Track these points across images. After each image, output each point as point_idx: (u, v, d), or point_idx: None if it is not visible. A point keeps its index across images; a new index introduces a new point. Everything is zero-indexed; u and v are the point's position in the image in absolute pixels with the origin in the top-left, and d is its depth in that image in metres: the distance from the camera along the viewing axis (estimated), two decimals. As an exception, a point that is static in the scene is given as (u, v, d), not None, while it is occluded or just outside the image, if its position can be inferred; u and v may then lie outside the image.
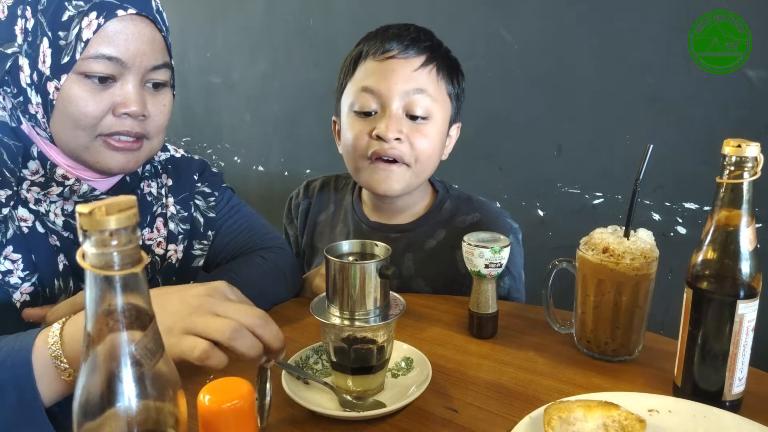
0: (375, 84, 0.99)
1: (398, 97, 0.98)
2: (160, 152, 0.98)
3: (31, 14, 0.77)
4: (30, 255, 0.80)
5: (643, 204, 1.44)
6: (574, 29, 1.48)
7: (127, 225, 0.38)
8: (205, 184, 1.03)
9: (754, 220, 0.66)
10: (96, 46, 0.76)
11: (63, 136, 0.80)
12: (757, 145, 0.64)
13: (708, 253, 0.67)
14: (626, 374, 0.78)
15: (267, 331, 0.64)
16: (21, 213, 0.80)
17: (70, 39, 0.76)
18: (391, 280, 0.69)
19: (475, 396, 0.73)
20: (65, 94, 0.77)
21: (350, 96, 1.03)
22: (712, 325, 0.67)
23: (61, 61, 0.76)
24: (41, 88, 0.78)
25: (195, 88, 2.38)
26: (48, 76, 0.77)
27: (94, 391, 0.41)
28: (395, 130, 0.97)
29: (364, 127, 1.01)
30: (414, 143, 0.99)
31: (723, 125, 1.32)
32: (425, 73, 1.00)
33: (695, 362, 0.69)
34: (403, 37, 1.00)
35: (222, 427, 0.52)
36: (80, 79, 0.77)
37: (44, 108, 0.78)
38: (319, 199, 1.22)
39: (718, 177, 0.66)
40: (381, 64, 0.99)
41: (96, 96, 0.78)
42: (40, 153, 0.82)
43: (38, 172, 0.82)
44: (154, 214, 0.95)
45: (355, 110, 1.01)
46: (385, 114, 0.98)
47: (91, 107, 0.78)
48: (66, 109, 0.78)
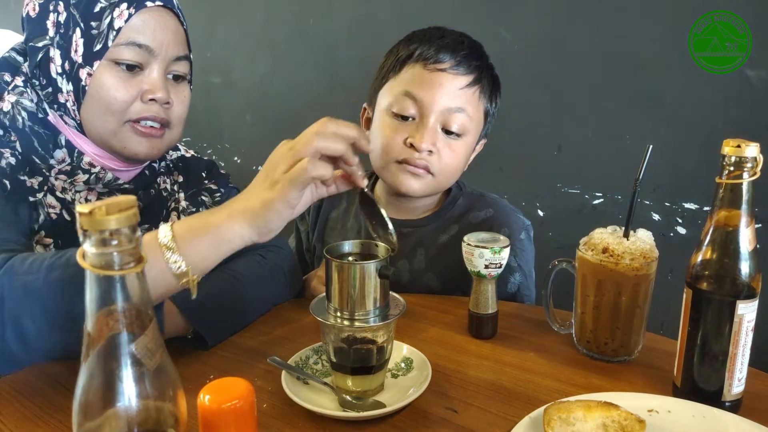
0: (419, 92, 0.99)
1: (439, 111, 0.99)
2: (172, 151, 1.03)
3: (64, 8, 0.84)
4: (58, 241, 0.84)
5: (642, 204, 1.44)
6: (574, 29, 1.48)
7: (127, 225, 0.38)
8: (212, 181, 1.07)
9: (753, 220, 0.66)
10: (127, 34, 0.83)
11: (94, 121, 0.85)
12: (756, 146, 0.64)
13: (707, 254, 0.67)
14: (626, 374, 0.78)
15: (336, 127, 0.67)
16: (49, 200, 0.84)
17: (102, 28, 0.82)
18: (390, 280, 0.69)
19: (475, 396, 0.73)
20: (97, 80, 0.83)
21: (390, 95, 1.03)
22: (711, 325, 0.67)
23: (94, 49, 0.82)
24: (73, 76, 0.83)
25: (195, 88, 2.37)
26: (80, 63, 0.83)
27: (94, 390, 0.41)
28: (430, 143, 0.99)
29: (399, 131, 1.01)
30: (443, 156, 1.01)
31: (723, 125, 1.32)
32: (469, 93, 1.01)
33: (695, 362, 0.69)
34: (456, 52, 1.00)
35: (222, 427, 0.52)
36: (111, 66, 0.83)
37: (75, 95, 0.84)
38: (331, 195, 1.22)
39: (718, 177, 0.66)
40: (430, 74, 0.99)
41: (125, 83, 0.84)
42: (68, 141, 0.87)
43: (65, 161, 0.86)
44: (169, 209, 0.98)
45: (393, 111, 1.02)
46: (422, 124, 1.00)
47: (121, 92, 0.84)
48: (97, 95, 0.84)
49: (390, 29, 1.80)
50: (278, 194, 0.66)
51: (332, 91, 1.95)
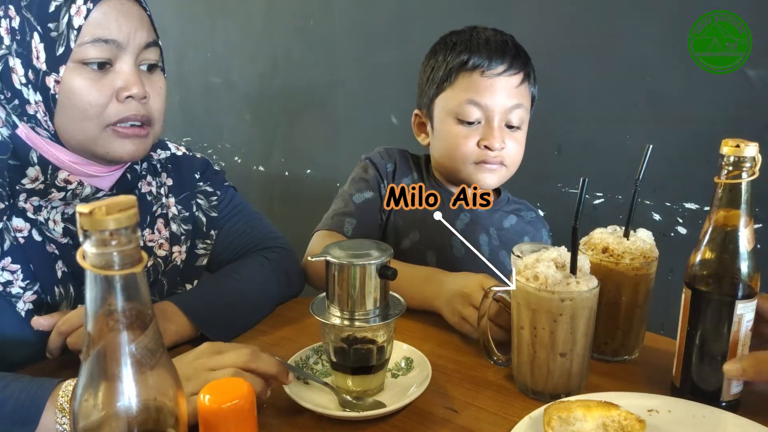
0: (482, 99, 1.08)
1: (501, 112, 1.08)
2: (161, 150, 0.98)
3: (15, 12, 0.77)
4: (29, 265, 0.79)
5: (643, 204, 1.44)
6: (574, 29, 1.48)
7: (127, 225, 0.38)
8: (207, 183, 1.02)
9: (752, 220, 0.65)
10: (90, 31, 0.77)
11: (70, 130, 0.79)
12: (755, 145, 0.64)
13: (706, 253, 0.67)
14: (626, 374, 0.78)
15: (260, 365, 0.66)
16: (16, 224, 0.79)
17: (61, 29, 0.76)
18: (391, 280, 0.69)
19: (475, 396, 0.73)
20: (67, 85, 0.77)
21: (451, 102, 1.10)
22: (710, 325, 0.67)
23: (57, 53, 0.76)
24: (40, 85, 0.77)
25: (195, 88, 2.37)
26: (45, 71, 0.77)
27: (94, 390, 0.41)
28: (501, 140, 1.08)
29: (468, 135, 1.09)
30: (510, 149, 1.10)
31: (723, 125, 1.32)
32: (523, 89, 1.11)
33: (693, 362, 0.69)
34: (506, 54, 1.08)
35: (222, 427, 0.52)
36: (79, 68, 0.77)
37: (46, 104, 0.78)
38: (402, 164, 1.23)
39: (717, 177, 0.66)
40: (489, 80, 1.08)
41: (97, 83, 0.78)
42: (41, 157, 0.81)
43: (38, 179, 0.80)
44: (154, 214, 0.94)
45: (459, 118, 1.09)
46: (490, 126, 1.09)
47: (94, 95, 0.78)
48: (70, 101, 0.78)
49: (390, 29, 1.81)
50: None
51: (332, 91, 1.95)
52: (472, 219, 1.16)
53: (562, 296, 0.68)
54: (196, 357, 0.67)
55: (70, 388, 0.61)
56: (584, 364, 0.72)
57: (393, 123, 1.80)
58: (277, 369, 0.67)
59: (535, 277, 0.70)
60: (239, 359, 0.66)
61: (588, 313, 0.69)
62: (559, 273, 0.70)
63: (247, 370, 0.66)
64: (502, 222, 1.20)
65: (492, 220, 1.18)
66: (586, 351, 0.71)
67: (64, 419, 0.59)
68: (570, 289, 0.68)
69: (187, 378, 0.64)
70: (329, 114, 1.98)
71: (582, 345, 0.70)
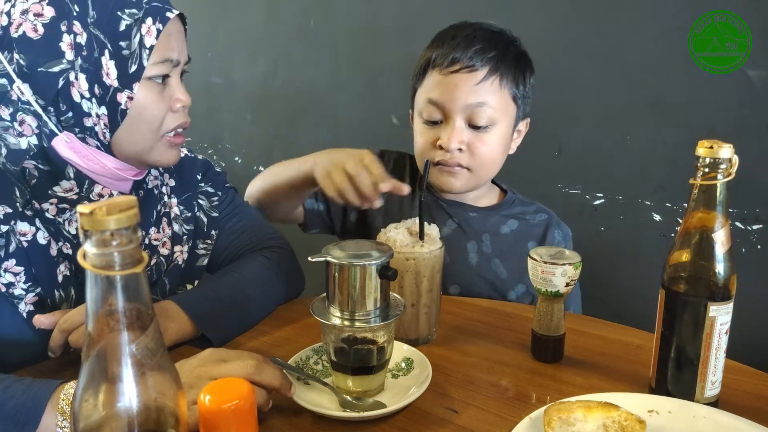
0: (439, 97, 1.03)
1: (460, 110, 1.03)
2: None
3: (82, 28, 0.77)
4: (31, 268, 0.80)
5: (643, 204, 1.44)
6: (574, 29, 1.47)
7: (127, 225, 0.39)
8: (208, 183, 1.04)
9: (728, 221, 0.65)
10: (161, 51, 0.81)
11: (131, 141, 0.83)
12: (730, 147, 0.63)
13: (682, 255, 0.66)
14: (626, 374, 0.78)
15: (263, 377, 0.66)
16: (21, 228, 0.80)
17: (133, 48, 0.79)
18: (391, 280, 0.69)
19: (475, 396, 0.73)
20: (139, 101, 0.80)
21: (419, 103, 1.08)
22: (684, 327, 0.66)
23: (129, 71, 0.79)
24: (109, 101, 0.79)
25: (195, 88, 2.36)
26: (117, 87, 0.79)
27: (94, 391, 0.41)
28: (457, 141, 1.03)
29: (430, 135, 1.06)
30: (475, 151, 1.04)
31: (723, 125, 1.32)
32: (487, 86, 1.02)
33: (668, 364, 0.68)
34: (468, 49, 1.02)
35: (222, 427, 0.52)
36: (148, 84, 0.81)
37: (111, 118, 0.80)
38: (396, 170, 1.19)
39: (692, 178, 0.65)
40: (445, 77, 1.03)
41: (160, 97, 0.83)
42: (77, 173, 0.81)
43: (71, 190, 0.82)
44: (159, 213, 0.94)
45: (424, 118, 1.07)
46: (448, 125, 1.04)
47: (162, 109, 0.83)
48: (140, 116, 0.81)
49: (391, 29, 1.81)
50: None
51: (333, 91, 1.95)
52: (459, 225, 1.13)
53: (406, 256, 0.82)
54: (200, 364, 0.67)
55: (71, 391, 0.61)
56: (431, 315, 0.85)
57: (393, 123, 1.80)
58: (281, 382, 0.67)
59: (388, 240, 0.83)
60: (243, 371, 0.65)
61: (429, 272, 0.83)
62: (409, 238, 0.84)
63: (250, 382, 0.65)
64: (500, 227, 1.15)
65: (487, 226, 1.14)
66: (433, 303, 0.85)
67: (65, 422, 0.59)
68: (414, 250, 0.82)
69: (189, 386, 0.63)
70: (330, 114, 1.98)
71: (427, 298, 0.84)
